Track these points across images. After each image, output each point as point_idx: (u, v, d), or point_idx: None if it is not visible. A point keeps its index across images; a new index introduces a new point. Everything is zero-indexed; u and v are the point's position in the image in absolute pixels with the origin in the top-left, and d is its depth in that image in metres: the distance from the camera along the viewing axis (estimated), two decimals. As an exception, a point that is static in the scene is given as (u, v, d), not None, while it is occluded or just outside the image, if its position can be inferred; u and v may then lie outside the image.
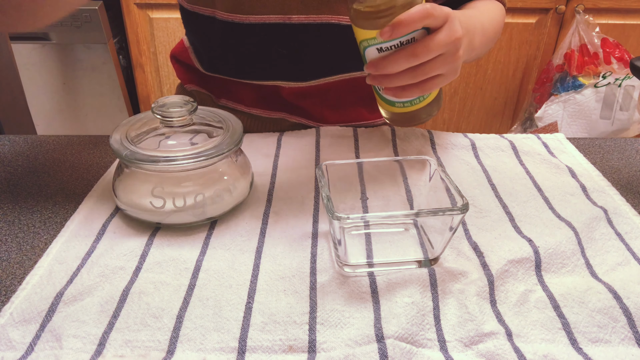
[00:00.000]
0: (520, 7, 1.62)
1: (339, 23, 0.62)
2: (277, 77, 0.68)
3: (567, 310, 0.40)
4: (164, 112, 0.48)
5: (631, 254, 0.47)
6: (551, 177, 0.58)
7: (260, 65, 0.68)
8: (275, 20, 0.62)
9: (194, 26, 0.70)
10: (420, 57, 0.46)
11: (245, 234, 0.48)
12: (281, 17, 0.62)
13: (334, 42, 0.64)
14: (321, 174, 0.45)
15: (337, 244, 0.43)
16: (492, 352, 0.37)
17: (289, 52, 0.65)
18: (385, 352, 0.36)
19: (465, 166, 0.60)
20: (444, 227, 0.42)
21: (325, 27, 0.63)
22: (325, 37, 0.64)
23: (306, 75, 0.68)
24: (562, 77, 1.64)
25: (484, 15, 0.64)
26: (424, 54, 0.46)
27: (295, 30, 0.63)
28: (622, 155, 0.65)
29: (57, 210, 0.52)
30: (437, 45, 0.47)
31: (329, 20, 0.62)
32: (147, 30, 1.65)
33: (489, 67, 1.73)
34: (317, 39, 0.64)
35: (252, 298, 0.41)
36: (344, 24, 0.63)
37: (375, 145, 0.64)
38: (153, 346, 0.37)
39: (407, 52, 0.46)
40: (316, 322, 0.39)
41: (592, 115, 1.64)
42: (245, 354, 0.36)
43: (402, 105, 0.52)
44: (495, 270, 0.43)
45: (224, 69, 0.71)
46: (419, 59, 0.47)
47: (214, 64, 0.71)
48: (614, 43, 1.59)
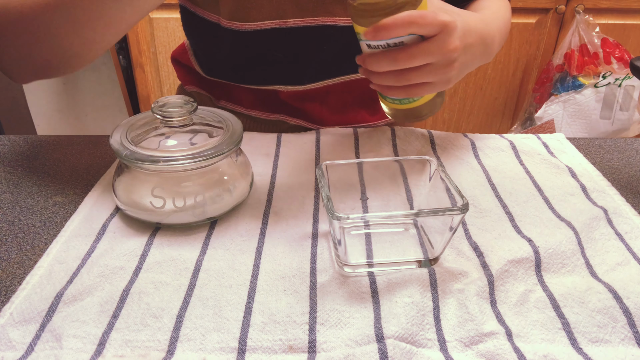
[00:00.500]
0: (520, 7, 1.62)
1: (335, 25, 0.62)
2: (276, 81, 0.68)
3: (567, 310, 0.40)
4: (164, 112, 0.48)
5: (631, 254, 0.47)
6: (551, 177, 0.58)
7: (259, 70, 0.68)
8: (271, 25, 0.62)
9: (194, 30, 0.70)
10: (400, 63, 0.46)
11: (245, 234, 0.48)
12: (277, 22, 0.62)
13: (330, 44, 0.64)
14: (321, 174, 0.45)
15: (337, 244, 0.43)
16: (492, 352, 0.37)
17: (286, 56, 0.65)
18: (385, 352, 0.36)
19: (465, 166, 0.60)
20: (444, 227, 0.42)
21: (322, 30, 0.63)
22: (322, 40, 0.64)
23: (304, 78, 0.68)
24: (562, 77, 1.64)
25: (499, 18, 0.62)
26: (406, 61, 0.45)
27: (291, 34, 0.63)
28: (622, 155, 0.65)
29: (57, 210, 0.52)
30: (423, 54, 0.45)
31: (325, 22, 0.62)
32: (147, 30, 1.65)
33: (489, 67, 1.73)
34: (313, 41, 0.64)
35: (252, 298, 0.41)
36: (340, 25, 0.62)
37: (375, 145, 0.64)
38: (153, 346, 0.37)
39: (389, 56, 0.46)
40: (316, 322, 0.39)
41: (592, 115, 1.64)
42: (245, 354, 0.36)
43: (398, 102, 0.52)
44: (495, 270, 0.43)
45: (222, 73, 0.71)
46: (399, 64, 0.46)
47: (212, 68, 0.71)
48: (614, 43, 1.59)
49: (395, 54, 0.45)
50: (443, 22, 0.45)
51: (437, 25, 0.45)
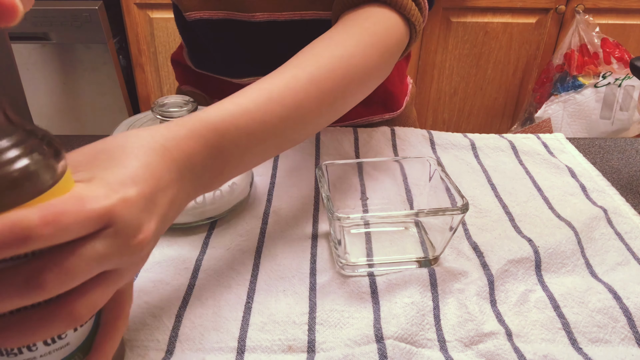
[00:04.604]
0: (520, 7, 1.62)
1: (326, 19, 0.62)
2: (261, 74, 0.68)
3: (567, 310, 0.40)
4: (164, 112, 0.48)
5: (631, 254, 0.47)
6: (551, 177, 0.58)
7: (247, 64, 0.67)
8: (261, 18, 0.62)
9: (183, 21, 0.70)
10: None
11: (245, 234, 0.48)
12: (269, 15, 0.61)
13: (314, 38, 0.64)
14: (321, 174, 0.45)
15: (337, 244, 0.43)
16: (492, 352, 0.36)
17: (273, 50, 0.65)
18: (385, 353, 0.36)
19: (465, 166, 0.60)
20: (444, 227, 0.42)
21: (312, 24, 0.62)
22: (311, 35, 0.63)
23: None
24: (562, 77, 1.64)
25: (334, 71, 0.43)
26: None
27: (282, 27, 0.62)
28: (622, 155, 0.65)
29: (56, 210, 0.52)
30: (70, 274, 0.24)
31: (313, 17, 0.61)
32: (147, 30, 1.65)
33: (489, 67, 1.73)
34: (302, 36, 0.63)
35: (252, 298, 0.41)
36: (329, 18, 0.62)
37: (375, 145, 0.64)
38: (152, 346, 0.37)
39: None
40: (315, 322, 0.39)
41: (592, 115, 1.64)
42: (245, 354, 0.36)
43: None
44: (495, 270, 0.43)
45: (211, 66, 0.71)
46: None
47: (202, 61, 0.71)
48: (614, 43, 1.59)
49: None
50: (96, 213, 0.25)
51: (89, 223, 0.24)
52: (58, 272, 0.23)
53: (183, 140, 0.32)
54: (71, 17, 1.53)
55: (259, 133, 0.37)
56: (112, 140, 0.30)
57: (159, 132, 0.32)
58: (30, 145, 0.24)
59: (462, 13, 1.65)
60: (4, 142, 0.23)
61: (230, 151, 0.35)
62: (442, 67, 1.74)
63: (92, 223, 0.24)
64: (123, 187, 0.26)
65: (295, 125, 0.40)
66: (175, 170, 0.31)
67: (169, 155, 0.31)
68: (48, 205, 0.23)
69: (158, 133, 0.31)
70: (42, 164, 0.24)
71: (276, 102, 0.38)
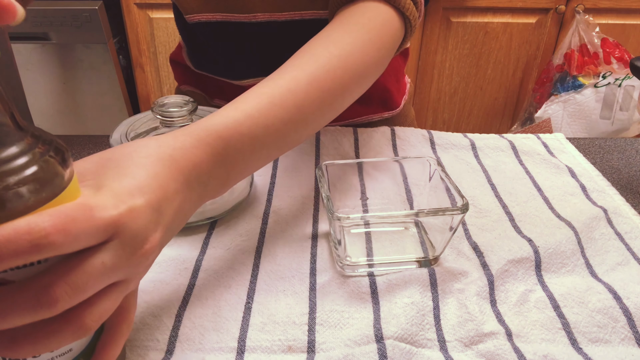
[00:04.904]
0: (520, 7, 1.62)
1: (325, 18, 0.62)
2: (262, 75, 0.68)
3: (567, 310, 0.40)
4: (164, 112, 0.48)
5: (631, 254, 0.47)
6: (551, 177, 0.58)
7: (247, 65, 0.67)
8: (262, 18, 0.62)
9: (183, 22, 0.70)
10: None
11: (245, 234, 0.48)
12: (269, 15, 0.61)
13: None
14: (321, 174, 0.45)
15: (337, 244, 0.43)
16: (492, 352, 0.36)
17: (271, 50, 0.65)
18: (385, 353, 0.36)
19: (465, 166, 0.60)
20: (444, 227, 0.42)
21: (311, 24, 0.62)
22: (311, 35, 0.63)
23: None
24: (562, 77, 1.64)
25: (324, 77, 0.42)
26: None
27: (282, 27, 0.62)
28: (622, 155, 0.65)
29: (56, 210, 0.52)
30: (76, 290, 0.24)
31: (313, 16, 0.61)
32: (147, 30, 1.65)
33: (489, 67, 1.73)
34: (302, 36, 0.63)
35: (252, 298, 0.41)
36: (325, 18, 0.62)
37: (375, 145, 0.64)
38: (152, 346, 0.37)
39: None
40: (315, 322, 0.39)
41: (592, 115, 1.64)
42: (245, 354, 0.36)
43: None
44: (495, 270, 0.43)
45: (211, 67, 0.71)
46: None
47: (201, 61, 0.71)
48: (614, 43, 1.59)
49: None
50: (104, 223, 0.25)
51: (97, 232, 0.25)
52: (68, 288, 0.24)
53: (190, 149, 0.32)
54: (71, 17, 1.53)
55: (263, 137, 0.37)
56: (120, 150, 0.30)
57: (165, 141, 0.32)
58: (38, 152, 0.24)
59: (462, 13, 1.65)
60: (13, 148, 0.23)
61: (235, 157, 0.36)
62: (442, 67, 1.74)
63: (100, 233, 0.25)
64: (131, 198, 0.27)
65: (297, 126, 0.41)
66: (182, 180, 0.31)
67: (176, 165, 0.31)
68: (59, 213, 0.23)
69: (165, 143, 0.32)
70: (52, 171, 0.24)
71: (278, 106, 0.39)
